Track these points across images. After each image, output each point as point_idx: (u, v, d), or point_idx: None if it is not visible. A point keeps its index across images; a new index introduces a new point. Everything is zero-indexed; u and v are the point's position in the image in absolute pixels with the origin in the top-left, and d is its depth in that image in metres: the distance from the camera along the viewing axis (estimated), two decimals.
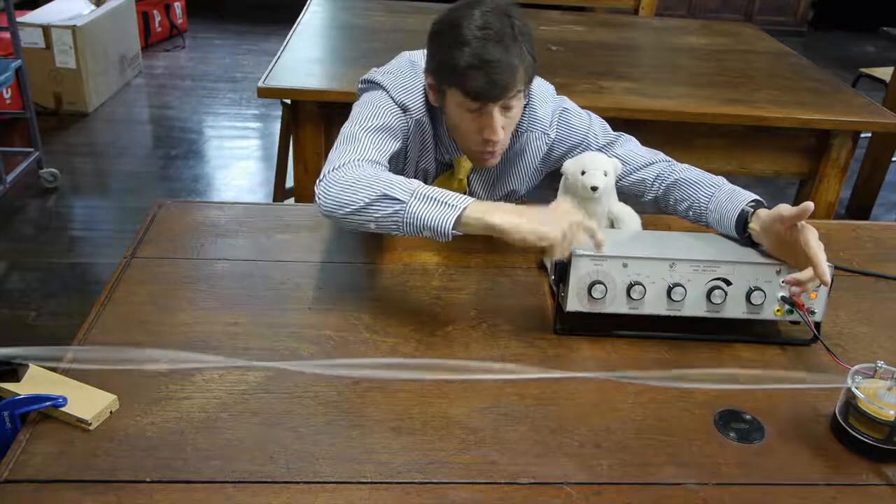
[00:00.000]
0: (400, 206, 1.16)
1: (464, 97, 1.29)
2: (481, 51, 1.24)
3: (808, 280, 1.14)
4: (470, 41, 1.25)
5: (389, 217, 1.17)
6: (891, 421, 1.00)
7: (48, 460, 0.93)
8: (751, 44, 3.08)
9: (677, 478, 0.98)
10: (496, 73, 1.25)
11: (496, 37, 1.25)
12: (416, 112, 1.41)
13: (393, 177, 1.21)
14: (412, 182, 1.19)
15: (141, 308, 1.23)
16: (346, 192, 1.20)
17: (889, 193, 3.75)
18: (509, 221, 1.11)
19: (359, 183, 1.20)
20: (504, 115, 1.32)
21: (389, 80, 1.42)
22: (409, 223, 1.16)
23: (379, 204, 1.17)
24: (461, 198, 1.15)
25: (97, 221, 3.16)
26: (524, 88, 1.33)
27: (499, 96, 1.28)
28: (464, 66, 1.25)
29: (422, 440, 1.01)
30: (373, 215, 1.18)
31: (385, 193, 1.17)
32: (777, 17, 6.45)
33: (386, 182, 1.19)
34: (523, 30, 1.29)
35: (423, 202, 1.15)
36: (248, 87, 4.62)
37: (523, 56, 1.28)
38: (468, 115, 1.32)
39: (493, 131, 1.32)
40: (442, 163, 1.49)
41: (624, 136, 1.52)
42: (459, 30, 1.27)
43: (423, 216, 1.14)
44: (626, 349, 1.22)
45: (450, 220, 1.13)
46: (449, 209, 1.13)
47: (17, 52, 3.15)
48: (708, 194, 1.37)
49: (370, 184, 1.19)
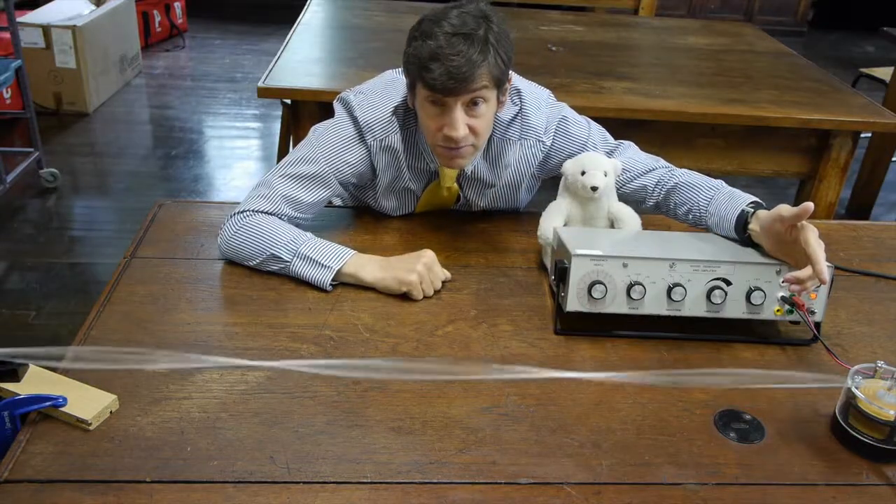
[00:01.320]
0: (284, 265, 1.32)
1: (425, 89, 1.29)
2: (445, 44, 1.24)
3: (807, 278, 1.14)
4: (436, 35, 1.25)
5: (279, 272, 1.34)
6: (891, 421, 1.00)
7: (48, 460, 0.93)
8: (751, 44, 3.08)
9: (677, 478, 0.98)
10: (454, 66, 1.24)
11: (464, 34, 1.25)
12: (382, 132, 1.41)
13: (284, 233, 1.33)
14: (300, 239, 1.33)
15: (141, 308, 1.24)
16: (242, 247, 1.34)
17: (889, 193, 3.75)
18: (376, 277, 1.31)
19: (253, 240, 1.34)
20: (468, 114, 1.31)
21: (359, 100, 1.43)
22: (295, 276, 1.33)
23: (268, 262, 1.33)
24: (337, 257, 1.31)
25: (97, 221, 3.16)
26: (491, 89, 1.30)
27: (456, 89, 1.26)
28: (425, 58, 1.25)
29: (422, 440, 1.01)
30: (264, 268, 1.35)
31: (272, 254, 1.32)
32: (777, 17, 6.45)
33: (275, 241, 1.33)
34: (499, 34, 1.28)
35: (304, 262, 1.31)
36: (248, 87, 4.62)
37: (488, 55, 1.26)
38: (432, 111, 1.32)
39: (453, 127, 1.29)
40: (428, 172, 1.49)
41: (624, 143, 1.51)
42: (430, 24, 1.27)
43: (305, 275, 1.31)
44: (626, 349, 1.22)
45: (326, 280, 1.30)
46: (325, 270, 1.30)
47: (17, 52, 3.15)
48: (707, 197, 1.37)
49: (262, 241, 1.33)
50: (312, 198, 1.40)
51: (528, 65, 2.48)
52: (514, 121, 1.45)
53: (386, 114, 1.41)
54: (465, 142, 1.32)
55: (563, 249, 1.24)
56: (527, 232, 1.52)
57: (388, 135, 1.42)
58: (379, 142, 1.42)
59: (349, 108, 1.43)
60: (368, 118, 1.41)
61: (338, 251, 1.32)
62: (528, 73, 1.56)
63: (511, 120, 1.45)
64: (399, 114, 1.42)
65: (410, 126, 1.43)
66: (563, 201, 1.39)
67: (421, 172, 1.48)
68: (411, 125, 1.43)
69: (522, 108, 1.45)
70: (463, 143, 1.32)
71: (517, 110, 1.45)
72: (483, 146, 1.40)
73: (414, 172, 1.47)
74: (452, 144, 1.32)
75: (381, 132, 1.41)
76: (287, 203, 1.37)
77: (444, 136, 1.32)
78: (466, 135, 1.31)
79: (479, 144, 1.37)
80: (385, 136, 1.42)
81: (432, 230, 1.52)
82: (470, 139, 1.33)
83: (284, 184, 1.38)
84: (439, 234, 1.51)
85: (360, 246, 1.45)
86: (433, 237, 1.50)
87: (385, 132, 1.41)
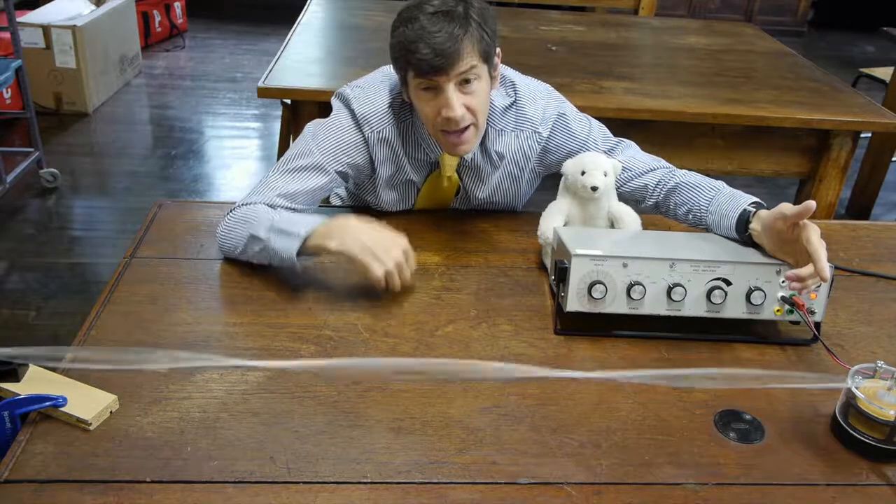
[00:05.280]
0: (262, 245, 1.27)
1: (416, 76, 1.30)
2: (426, 23, 1.26)
3: (808, 276, 1.14)
4: (417, 18, 1.27)
5: (260, 255, 1.28)
6: (891, 421, 1.00)
7: (48, 460, 0.93)
8: (751, 44, 3.08)
9: (677, 478, 0.98)
10: (438, 44, 1.25)
11: (444, 12, 1.27)
12: (379, 124, 1.42)
13: (266, 215, 1.28)
14: (277, 216, 1.27)
15: (141, 308, 1.24)
16: (230, 238, 1.32)
17: (889, 193, 3.74)
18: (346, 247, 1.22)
19: (238, 227, 1.31)
20: (462, 92, 1.31)
21: (356, 94, 1.43)
22: (274, 258, 1.26)
23: (250, 245, 1.29)
24: (307, 224, 1.24)
25: (97, 221, 3.15)
26: (481, 63, 1.31)
27: (444, 67, 1.27)
28: (409, 42, 1.27)
29: (422, 440, 1.01)
30: (250, 255, 1.30)
31: (251, 234, 1.27)
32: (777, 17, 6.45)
33: (257, 223, 1.27)
34: (480, 10, 1.30)
35: (278, 235, 1.24)
36: (248, 87, 4.62)
37: (470, 30, 1.27)
38: (426, 97, 1.32)
39: (450, 108, 1.30)
40: (429, 162, 1.49)
41: (624, 141, 1.52)
42: (410, 10, 1.29)
43: (278, 249, 1.23)
44: (626, 349, 1.22)
45: (293, 250, 1.22)
46: (292, 239, 1.22)
47: (17, 52, 3.15)
48: (708, 197, 1.37)
49: (245, 226, 1.29)
50: (307, 186, 1.39)
51: (528, 65, 2.47)
52: (508, 111, 1.46)
53: (383, 106, 1.42)
54: (465, 121, 1.33)
55: (563, 249, 1.24)
56: (527, 232, 1.52)
57: (386, 127, 1.42)
58: (376, 134, 1.42)
59: (346, 101, 1.43)
60: (365, 111, 1.41)
61: (308, 220, 1.27)
62: (528, 73, 1.56)
63: (505, 110, 1.46)
64: (396, 106, 1.42)
65: (407, 118, 1.43)
66: (563, 201, 1.39)
67: (421, 163, 1.48)
68: (408, 117, 1.43)
69: (517, 98, 1.46)
70: (463, 122, 1.33)
71: (511, 101, 1.46)
72: (484, 126, 1.41)
73: (414, 164, 1.48)
74: (454, 127, 1.33)
75: (378, 124, 1.42)
76: (282, 197, 1.37)
77: (443, 120, 1.32)
78: (464, 114, 1.32)
79: (479, 124, 1.37)
80: (382, 128, 1.42)
81: (432, 229, 1.52)
82: (469, 118, 1.33)
83: (279, 179, 1.38)
84: (439, 233, 1.51)
85: None
86: (433, 236, 1.50)
87: (382, 124, 1.42)
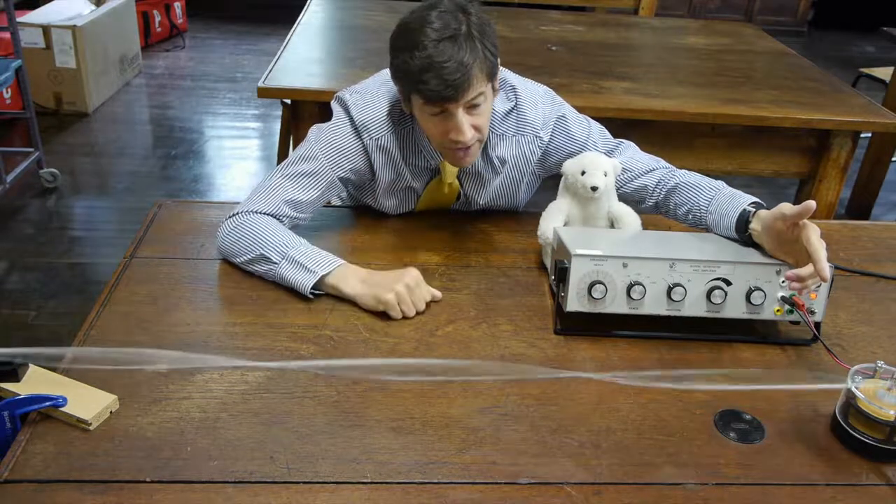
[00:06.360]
0: (271, 267, 1.31)
1: (424, 103, 1.29)
2: (433, 52, 1.23)
3: (808, 276, 1.14)
4: (422, 43, 1.24)
5: (265, 273, 1.32)
6: (891, 421, 1.00)
7: (48, 460, 0.93)
8: (751, 44, 3.08)
9: (677, 478, 0.98)
10: (448, 74, 1.23)
11: (449, 36, 1.24)
12: (377, 131, 1.41)
13: (278, 236, 1.32)
14: (292, 242, 1.31)
15: (141, 308, 1.23)
16: (235, 244, 1.34)
17: (889, 193, 3.74)
18: (356, 291, 1.27)
19: (247, 238, 1.33)
20: (470, 115, 1.31)
21: (354, 100, 1.43)
22: (279, 280, 1.31)
23: (256, 261, 1.32)
24: (325, 264, 1.29)
25: (97, 221, 3.15)
26: (486, 84, 1.30)
27: (455, 97, 1.26)
28: (416, 71, 1.24)
29: (422, 440, 1.01)
30: (253, 269, 1.34)
31: (262, 253, 1.31)
32: (777, 17, 6.45)
33: (267, 241, 1.32)
34: (481, 27, 1.28)
35: (291, 266, 1.29)
36: (248, 87, 4.62)
37: (477, 53, 1.25)
38: (433, 119, 1.32)
39: (460, 132, 1.30)
40: (429, 169, 1.49)
41: (624, 142, 1.51)
42: (413, 34, 1.26)
43: (288, 279, 1.29)
44: (626, 349, 1.22)
45: (308, 284, 1.27)
46: (309, 275, 1.28)
47: (17, 52, 3.15)
48: (708, 197, 1.37)
49: (255, 241, 1.32)
50: (311, 196, 1.40)
51: (528, 65, 2.48)
52: (509, 115, 1.46)
53: (381, 114, 1.41)
54: (473, 140, 1.34)
55: (563, 249, 1.24)
56: (527, 232, 1.52)
57: (384, 134, 1.42)
58: (375, 141, 1.42)
59: (346, 107, 1.43)
60: (364, 118, 1.41)
61: (327, 259, 1.30)
62: (528, 73, 1.56)
63: (506, 114, 1.45)
64: (395, 114, 1.42)
65: (407, 125, 1.43)
66: (563, 201, 1.39)
67: (421, 170, 1.48)
68: (408, 124, 1.43)
69: (518, 103, 1.46)
70: (471, 142, 1.34)
71: (512, 105, 1.46)
72: (487, 135, 1.41)
73: (414, 170, 1.47)
74: (461, 146, 1.34)
75: (377, 131, 1.41)
76: (286, 203, 1.37)
77: (451, 141, 1.33)
78: (473, 134, 1.33)
79: (484, 137, 1.38)
80: (381, 135, 1.41)
81: (432, 230, 1.52)
82: (476, 136, 1.34)
83: (283, 184, 1.38)
84: (439, 233, 1.51)
85: (359, 246, 1.45)
86: (433, 237, 1.50)
87: (381, 132, 1.41)
